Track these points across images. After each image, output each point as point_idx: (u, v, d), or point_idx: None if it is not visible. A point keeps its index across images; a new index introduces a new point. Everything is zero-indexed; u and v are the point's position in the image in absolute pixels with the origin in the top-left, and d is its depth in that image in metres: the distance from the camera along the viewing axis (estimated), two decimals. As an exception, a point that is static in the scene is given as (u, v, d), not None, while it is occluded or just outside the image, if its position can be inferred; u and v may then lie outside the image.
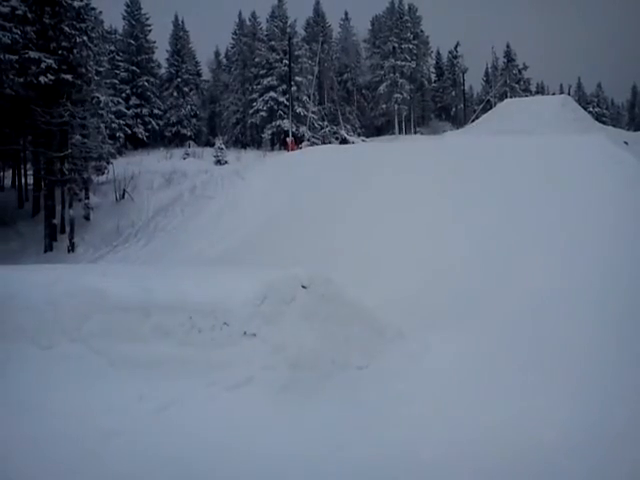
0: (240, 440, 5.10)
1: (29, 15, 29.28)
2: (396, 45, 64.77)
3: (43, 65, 28.56)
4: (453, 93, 74.87)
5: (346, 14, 72.87)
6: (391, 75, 64.01)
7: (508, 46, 74.30)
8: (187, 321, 6.36)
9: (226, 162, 41.49)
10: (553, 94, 70.22)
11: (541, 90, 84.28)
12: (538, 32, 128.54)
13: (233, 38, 69.67)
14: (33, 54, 28.60)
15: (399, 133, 62.10)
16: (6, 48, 27.10)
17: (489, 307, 9.52)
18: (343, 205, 18.26)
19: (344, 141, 45.10)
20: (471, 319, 9.01)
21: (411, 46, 66.11)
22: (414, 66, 66.20)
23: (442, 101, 76.71)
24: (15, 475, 4.59)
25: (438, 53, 79.69)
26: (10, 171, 38.85)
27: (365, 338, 7.02)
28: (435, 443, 5.27)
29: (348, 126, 60.28)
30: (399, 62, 64.23)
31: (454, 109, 74.33)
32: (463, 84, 72.53)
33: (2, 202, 34.15)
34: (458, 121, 67.21)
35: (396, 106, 63.36)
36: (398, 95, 63.31)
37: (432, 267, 12.61)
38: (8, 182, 38.56)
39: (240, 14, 69.72)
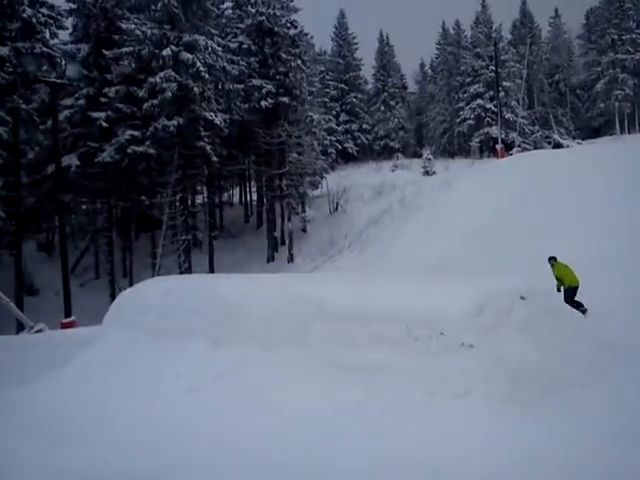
0: (462, 451, 4.99)
1: (252, 47, 32.28)
2: (616, 37, 59.56)
3: (264, 90, 31.25)
4: (691, 83, 66.62)
5: (556, 11, 68.79)
6: (610, 71, 58.99)
7: None
8: (404, 330, 6.30)
9: (434, 172, 41.46)
10: None
11: None
12: None
13: (437, 48, 69.60)
14: (256, 82, 31.43)
15: (621, 133, 56.95)
16: (234, 79, 30.14)
17: None
18: (557, 213, 17.31)
19: (557, 145, 42.63)
20: None
21: (634, 36, 60.29)
22: (638, 58, 60.32)
23: (676, 93, 68.72)
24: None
25: (670, 38, 71.36)
26: (237, 189, 42.68)
27: (590, 354, 6.51)
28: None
29: (561, 129, 56.85)
30: (620, 55, 58.94)
31: (692, 101, 66.01)
32: None
33: (231, 217, 37.67)
34: (696, 115, 59.69)
35: (616, 104, 58.19)
36: (619, 92, 58.11)
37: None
38: (236, 199, 42.35)
39: (443, 24, 69.54)
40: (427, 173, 41.98)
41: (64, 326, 16.24)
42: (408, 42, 72.79)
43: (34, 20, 25.26)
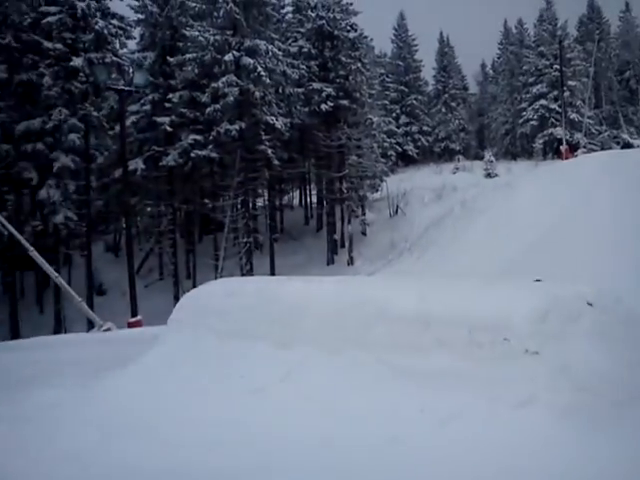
0: (524, 461, 4.94)
1: (312, 51, 32.56)
2: (692, 29, 57.06)
3: (324, 94, 31.45)
4: None
5: (627, 5, 66.32)
6: (687, 65, 56.53)
7: None
8: (466, 335, 6.21)
9: (496, 174, 40.85)
10: None
11: None
12: None
13: (499, 48, 68.34)
14: (316, 85, 31.68)
15: (697, 131, 54.43)
16: (295, 83, 30.49)
17: None
18: (627, 215, 16.72)
19: (627, 145, 41.20)
20: None
21: None
22: None
23: None
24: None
25: None
26: (297, 192, 43.08)
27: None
28: None
29: (631, 128, 54.74)
30: (697, 48, 56.40)
31: None
32: None
33: (292, 220, 38.04)
34: None
35: (692, 100, 55.74)
36: (696, 87, 55.66)
37: None
38: (296, 202, 42.77)
39: (505, 23, 68.21)
40: (489, 175, 41.38)
41: (130, 325, 16.74)
42: (469, 43, 71.94)
43: (105, 31, 26.36)
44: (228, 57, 26.71)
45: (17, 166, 25.40)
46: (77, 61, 25.15)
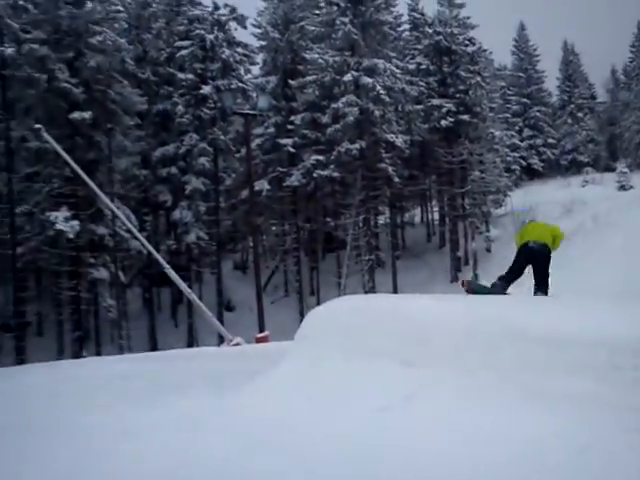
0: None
1: (431, 67, 32.46)
2: None
3: (444, 110, 31.16)
4: None
5: None
6: None
7: None
8: (605, 357, 5.93)
9: (631, 187, 38.46)
10: None
11: None
12: None
13: (631, 51, 64.28)
14: (435, 101, 31.48)
15: None
16: (414, 100, 30.49)
17: None
18: None
19: None
20: None
21: None
22: None
23: None
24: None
25: None
26: (419, 209, 42.76)
27: None
28: None
29: None
30: None
31: None
32: None
33: (413, 237, 37.78)
34: None
35: None
36: None
37: None
38: (417, 219, 42.42)
39: (639, 24, 64.10)
40: (622, 188, 38.98)
41: (258, 340, 17.21)
42: (596, 49, 68.34)
43: (231, 59, 27.96)
44: (347, 77, 27.21)
45: (154, 189, 27.37)
46: (206, 89, 26.78)
